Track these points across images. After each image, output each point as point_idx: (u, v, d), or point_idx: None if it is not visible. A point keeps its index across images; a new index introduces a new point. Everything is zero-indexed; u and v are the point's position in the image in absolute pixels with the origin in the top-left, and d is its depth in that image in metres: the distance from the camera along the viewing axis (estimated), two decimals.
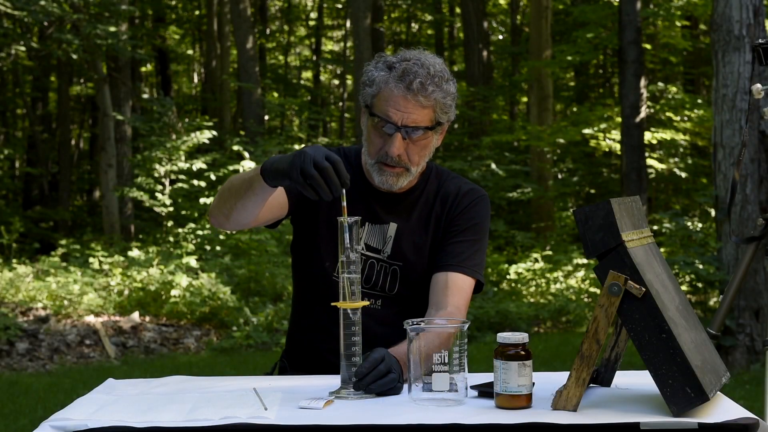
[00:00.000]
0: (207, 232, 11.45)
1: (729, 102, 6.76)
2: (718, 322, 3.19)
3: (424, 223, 2.37)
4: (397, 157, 2.24)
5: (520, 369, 1.72)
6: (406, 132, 2.22)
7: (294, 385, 2.02)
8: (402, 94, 2.20)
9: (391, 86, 2.21)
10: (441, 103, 2.23)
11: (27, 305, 9.50)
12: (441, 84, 2.22)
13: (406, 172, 2.27)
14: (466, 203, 2.37)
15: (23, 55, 16.75)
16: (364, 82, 2.28)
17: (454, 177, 2.44)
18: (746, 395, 5.59)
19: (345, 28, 21.68)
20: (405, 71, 2.21)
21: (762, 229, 3.13)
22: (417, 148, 2.26)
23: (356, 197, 2.32)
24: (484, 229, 2.38)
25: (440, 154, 16.91)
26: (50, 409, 5.26)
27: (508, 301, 10.03)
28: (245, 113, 15.49)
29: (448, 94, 2.24)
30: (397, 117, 2.21)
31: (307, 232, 2.39)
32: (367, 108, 2.27)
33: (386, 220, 2.35)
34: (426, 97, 2.20)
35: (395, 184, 2.28)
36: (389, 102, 2.21)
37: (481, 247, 2.36)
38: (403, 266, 2.34)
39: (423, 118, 2.22)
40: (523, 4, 19.32)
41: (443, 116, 2.26)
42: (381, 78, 2.24)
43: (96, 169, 17.59)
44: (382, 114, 2.22)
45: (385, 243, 2.35)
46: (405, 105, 2.20)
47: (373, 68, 2.27)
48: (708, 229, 10.72)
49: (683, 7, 13.73)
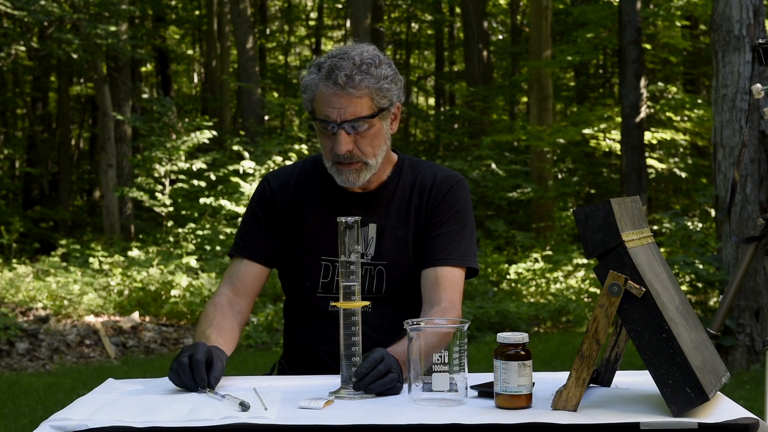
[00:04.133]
0: (207, 232, 11.46)
1: (729, 102, 6.76)
2: (718, 322, 3.19)
3: (404, 217, 2.34)
4: (348, 153, 2.23)
5: (520, 369, 1.72)
6: (350, 126, 2.21)
7: (294, 385, 2.02)
8: (332, 92, 2.20)
9: (321, 87, 2.22)
10: (375, 89, 2.22)
11: (27, 305, 9.50)
12: (370, 70, 2.21)
13: (364, 166, 2.26)
14: (444, 191, 2.34)
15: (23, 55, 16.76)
16: (303, 90, 2.29)
17: (428, 165, 2.41)
18: (746, 395, 5.59)
19: (345, 28, 21.68)
20: (330, 68, 2.21)
21: (762, 229, 3.13)
22: (367, 140, 2.24)
23: (330, 203, 2.33)
24: (466, 214, 2.35)
25: (440, 154, 16.94)
26: (50, 409, 5.26)
27: (508, 301, 10.02)
28: (245, 113, 15.49)
29: (381, 78, 2.22)
30: (335, 114, 2.21)
31: (288, 255, 2.39)
32: (311, 114, 2.28)
33: (364, 221, 2.31)
34: (355, 87, 2.19)
35: (357, 180, 2.27)
36: (324, 102, 2.22)
37: (466, 233, 2.33)
38: (388, 265, 2.32)
39: (361, 108, 2.21)
40: (523, 4, 19.32)
41: (383, 101, 2.24)
42: (312, 81, 2.25)
43: (96, 169, 17.60)
44: (322, 116, 2.23)
45: (368, 245, 2.32)
46: (338, 101, 2.20)
47: (306, 73, 2.28)
48: (708, 229, 10.72)
49: (683, 7, 13.73)
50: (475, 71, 16.11)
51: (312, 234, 2.34)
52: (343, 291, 1.90)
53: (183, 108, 20.18)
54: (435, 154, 17.14)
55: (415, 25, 22.46)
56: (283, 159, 12.28)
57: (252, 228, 2.38)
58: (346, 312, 1.89)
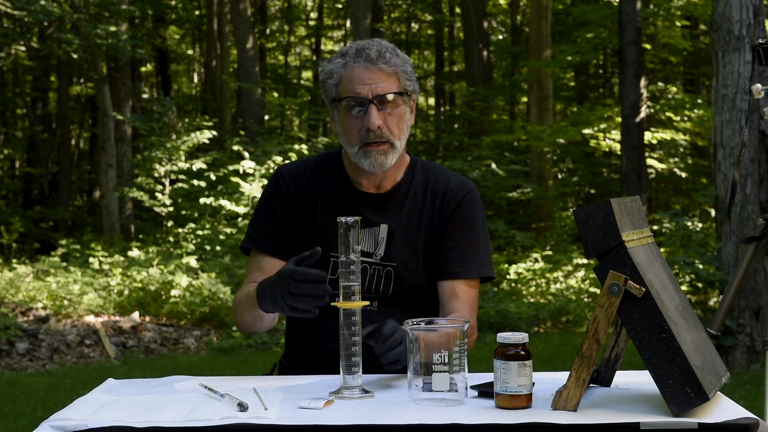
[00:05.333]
0: (207, 232, 11.46)
1: (729, 102, 6.76)
2: (718, 322, 3.19)
3: (416, 221, 2.35)
4: (378, 129, 2.23)
5: (520, 369, 1.71)
6: (379, 101, 2.23)
7: (294, 385, 2.02)
8: (364, 67, 2.23)
9: (351, 65, 2.25)
10: (402, 69, 2.27)
11: (27, 305, 9.49)
12: (396, 53, 2.27)
13: (391, 147, 2.27)
14: (457, 201, 2.36)
15: (23, 55, 16.77)
16: (324, 79, 2.30)
17: (440, 170, 2.42)
18: (746, 395, 5.59)
19: (345, 28, 21.68)
20: (359, 49, 2.26)
21: (762, 229, 3.13)
22: (394, 119, 2.26)
23: (343, 202, 2.34)
24: (480, 223, 2.38)
25: (440, 154, 16.93)
26: (50, 409, 5.26)
27: (508, 301, 10.03)
28: (245, 113, 15.49)
29: (406, 62, 2.29)
30: (366, 90, 2.23)
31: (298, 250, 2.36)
32: (334, 100, 2.29)
33: (376, 222, 2.33)
34: (387, 63, 2.24)
35: (385, 162, 2.27)
36: (353, 80, 2.24)
37: (481, 242, 2.36)
38: (397, 267, 2.33)
39: (390, 84, 2.24)
40: (523, 4, 19.32)
41: (408, 84, 2.28)
42: (339, 65, 2.27)
43: (96, 169, 17.60)
44: (351, 93, 2.24)
45: (377, 245, 2.33)
46: (369, 76, 2.23)
47: (328, 64, 2.31)
48: (708, 229, 10.71)
49: (683, 7, 13.73)
50: (475, 71, 16.11)
51: (322, 230, 2.34)
52: (343, 291, 1.90)
53: (183, 108, 20.19)
54: (435, 154, 17.13)
55: (415, 25, 22.46)
56: (283, 159, 12.27)
57: (268, 221, 2.39)
58: (346, 312, 1.89)
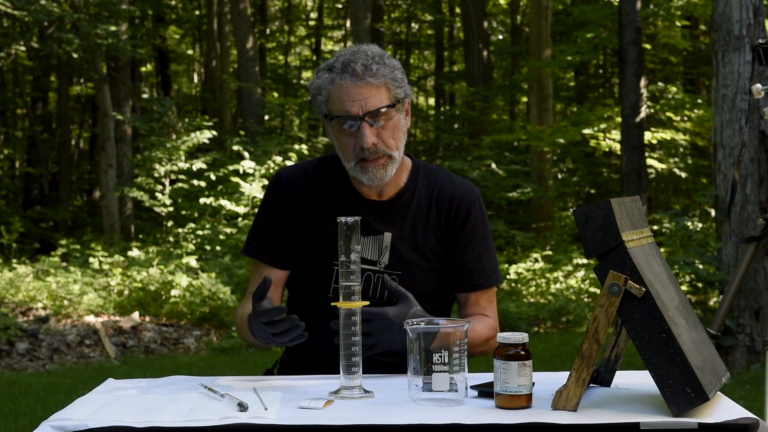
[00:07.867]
0: (207, 232, 11.46)
1: (729, 102, 6.76)
2: (718, 322, 3.19)
3: (422, 229, 2.33)
4: (373, 147, 2.20)
5: (520, 369, 1.71)
6: (372, 119, 2.19)
7: (294, 385, 2.02)
8: (351, 83, 2.19)
9: (338, 82, 2.20)
10: (390, 78, 2.21)
11: (27, 305, 9.49)
12: (383, 60, 2.21)
13: (389, 159, 2.24)
14: (465, 212, 2.35)
15: (23, 55, 16.76)
16: (314, 94, 2.26)
17: (444, 175, 2.40)
18: (746, 395, 5.59)
19: (345, 28, 21.68)
20: (344, 63, 2.20)
21: (762, 229, 3.12)
22: (388, 132, 2.22)
23: (346, 210, 2.29)
24: (489, 229, 2.41)
25: (440, 154, 16.93)
26: (50, 409, 5.27)
27: (508, 301, 10.02)
28: (245, 113, 15.49)
29: (395, 68, 2.23)
30: (356, 108, 2.19)
31: (300, 257, 2.37)
32: (326, 116, 2.25)
33: (380, 229, 2.31)
34: (374, 76, 2.19)
35: (384, 176, 2.24)
36: (342, 98, 2.20)
37: (489, 249, 2.39)
38: (402, 275, 2.31)
39: (380, 98, 2.20)
40: (523, 4, 19.32)
41: (399, 91, 2.23)
42: (326, 80, 2.23)
43: (96, 169, 17.60)
44: (341, 112, 2.20)
45: (381, 253, 2.30)
46: (358, 92, 2.18)
47: (316, 78, 2.27)
48: (708, 229, 10.72)
49: (683, 7, 13.74)
50: (475, 71, 16.12)
51: (326, 238, 2.31)
52: (343, 291, 1.90)
53: (183, 108, 20.19)
54: (435, 154, 17.13)
55: (415, 25, 22.46)
56: (283, 159, 12.28)
57: (266, 231, 2.37)
58: (346, 312, 1.89)
